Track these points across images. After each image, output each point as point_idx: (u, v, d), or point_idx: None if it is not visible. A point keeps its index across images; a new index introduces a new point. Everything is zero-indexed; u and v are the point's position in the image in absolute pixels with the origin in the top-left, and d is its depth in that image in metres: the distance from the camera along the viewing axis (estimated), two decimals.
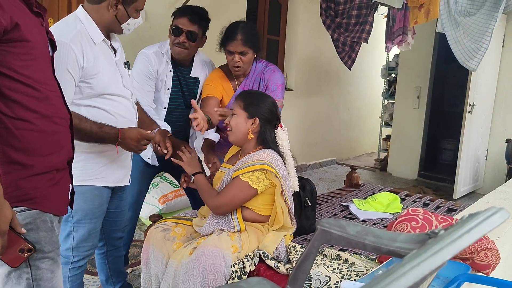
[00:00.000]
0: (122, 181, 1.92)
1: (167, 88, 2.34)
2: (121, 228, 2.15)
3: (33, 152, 1.21)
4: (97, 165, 1.79)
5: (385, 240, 0.74)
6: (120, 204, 2.06)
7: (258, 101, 1.92)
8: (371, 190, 3.15)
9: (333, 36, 3.99)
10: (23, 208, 1.20)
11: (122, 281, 2.27)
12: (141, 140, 1.76)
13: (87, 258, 1.91)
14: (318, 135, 6.00)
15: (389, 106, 6.28)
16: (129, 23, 1.76)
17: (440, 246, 0.41)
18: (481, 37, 3.02)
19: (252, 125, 1.90)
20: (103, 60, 1.71)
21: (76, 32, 1.62)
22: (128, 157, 1.94)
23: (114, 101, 1.76)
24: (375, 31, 3.94)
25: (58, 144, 1.29)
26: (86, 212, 1.79)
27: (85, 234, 1.83)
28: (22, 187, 1.19)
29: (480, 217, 0.46)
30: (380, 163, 6.24)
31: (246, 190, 1.82)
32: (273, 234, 1.87)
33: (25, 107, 1.17)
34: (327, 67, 5.80)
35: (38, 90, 1.20)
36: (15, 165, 1.17)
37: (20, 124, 1.17)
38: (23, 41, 1.15)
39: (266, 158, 1.82)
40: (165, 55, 2.31)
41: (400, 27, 4.00)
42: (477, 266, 1.32)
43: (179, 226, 1.98)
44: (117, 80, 1.77)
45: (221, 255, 1.67)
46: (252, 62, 2.38)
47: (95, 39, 1.68)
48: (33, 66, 1.19)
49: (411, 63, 5.60)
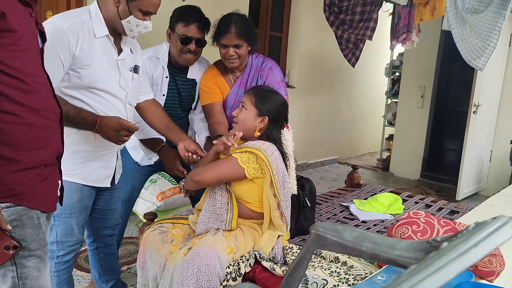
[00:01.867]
0: (103, 182, 1.86)
1: (162, 94, 2.27)
2: (111, 226, 2.11)
3: (20, 146, 1.16)
4: (76, 161, 1.75)
5: (383, 247, 0.68)
6: (109, 202, 2.02)
7: (270, 100, 1.89)
8: (372, 190, 3.10)
9: (337, 33, 3.93)
10: (9, 204, 1.16)
11: (115, 279, 2.23)
12: (121, 130, 1.66)
13: (73, 253, 1.87)
14: (320, 133, 5.94)
15: (392, 105, 6.21)
16: (130, 22, 1.69)
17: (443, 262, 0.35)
18: (488, 35, 2.95)
19: (261, 123, 1.87)
20: (100, 55, 1.68)
21: (78, 21, 1.62)
22: (112, 159, 1.88)
23: (102, 97, 1.71)
24: (380, 28, 3.88)
25: (46, 138, 1.25)
26: (65, 206, 1.73)
27: (68, 228, 1.80)
28: (7, 183, 1.15)
29: (489, 227, 0.40)
30: (382, 162, 6.18)
31: (233, 166, 1.78)
32: (268, 234, 1.82)
33: (12, 100, 1.13)
34: (330, 65, 5.74)
35: (26, 82, 1.16)
36: (0, 160, 1.13)
37: (6, 117, 1.13)
38: (9, 31, 1.11)
39: (261, 146, 1.79)
40: (161, 60, 2.24)
41: (405, 25, 3.93)
42: (481, 272, 1.26)
43: (176, 227, 1.93)
44: (112, 77, 1.73)
45: (216, 255, 1.62)
46: (248, 56, 2.32)
47: (97, 32, 1.67)
48: (21, 57, 1.15)
49: (416, 62, 5.53)
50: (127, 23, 1.70)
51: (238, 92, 2.32)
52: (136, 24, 1.71)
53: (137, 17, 1.70)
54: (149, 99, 2.02)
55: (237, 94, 2.32)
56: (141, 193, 3.27)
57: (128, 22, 1.70)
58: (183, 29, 2.15)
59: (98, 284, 2.22)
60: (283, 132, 1.93)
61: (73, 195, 1.77)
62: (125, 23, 1.70)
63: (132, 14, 1.69)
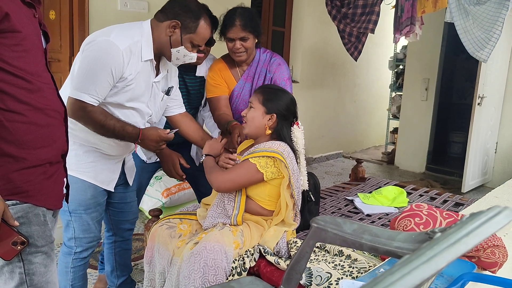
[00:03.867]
0: (108, 185, 1.90)
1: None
2: (130, 220, 2.15)
3: (25, 144, 1.18)
4: (87, 159, 1.80)
5: (383, 239, 0.69)
6: (124, 196, 2.06)
7: (277, 97, 1.90)
8: (377, 183, 3.10)
9: (339, 27, 3.92)
10: (15, 202, 1.19)
11: (126, 275, 2.26)
12: (160, 142, 1.80)
13: (90, 250, 1.91)
14: (324, 128, 5.93)
15: (396, 98, 6.19)
16: (179, 51, 1.76)
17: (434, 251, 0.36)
18: (491, 27, 2.93)
19: (269, 120, 1.88)
20: (142, 77, 1.74)
21: (132, 43, 1.67)
22: (118, 164, 1.93)
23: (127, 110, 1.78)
24: (383, 22, 3.86)
25: (51, 137, 1.26)
26: (79, 203, 1.80)
27: (84, 224, 1.84)
28: (13, 180, 1.17)
29: (482, 217, 0.41)
30: (387, 156, 6.17)
31: (253, 172, 1.79)
32: (274, 230, 1.84)
33: (17, 99, 1.15)
34: (334, 59, 5.72)
35: (30, 82, 1.18)
36: (6, 158, 1.15)
37: (11, 116, 1.15)
38: (14, 32, 1.13)
39: (278, 148, 1.81)
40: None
41: (408, 17, 3.90)
42: (483, 264, 1.27)
43: (184, 223, 1.96)
44: (143, 98, 1.80)
45: (222, 250, 1.64)
46: (255, 49, 2.34)
47: (144, 56, 1.72)
48: (25, 57, 1.17)
49: (419, 54, 5.50)
50: (176, 52, 1.76)
51: (244, 86, 2.34)
52: (184, 54, 1.77)
53: (186, 48, 1.76)
54: (182, 112, 2.10)
55: (243, 88, 2.34)
56: (147, 190, 3.30)
57: (178, 52, 1.76)
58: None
59: (110, 279, 2.24)
60: (293, 129, 1.94)
61: (86, 191, 1.81)
62: (174, 52, 1.76)
63: (183, 45, 1.75)
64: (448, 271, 1.14)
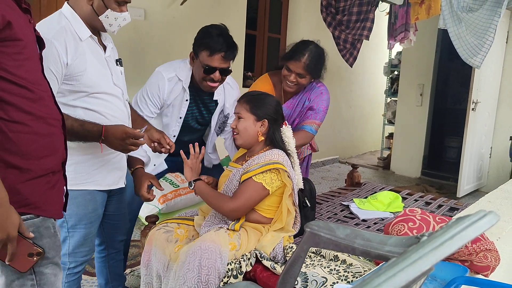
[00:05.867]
0: (117, 184, 1.86)
1: (179, 117, 2.22)
2: (123, 231, 2.10)
3: (30, 155, 1.18)
4: (90, 169, 1.72)
5: (374, 244, 0.71)
6: (119, 207, 2.00)
7: (264, 103, 1.90)
8: (372, 189, 3.12)
9: (334, 34, 3.95)
10: (28, 216, 1.19)
11: (121, 285, 2.23)
12: (127, 139, 1.62)
13: (84, 264, 1.86)
14: (320, 133, 5.90)
15: (392, 104, 6.23)
16: (108, 16, 1.62)
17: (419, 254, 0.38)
18: (484, 33, 2.97)
19: (261, 127, 1.89)
20: (90, 57, 1.63)
21: (59, 28, 1.55)
22: (123, 158, 1.87)
23: (105, 100, 1.68)
24: (377, 28, 3.90)
25: (53, 146, 1.26)
26: (80, 217, 1.73)
27: (81, 239, 1.78)
28: (21, 192, 1.16)
29: (466, 221, 0.43)
30: (383, 161, 6.20)
31: (260, 192, 1.80)
32: (272, 235, 1.84)
33: (20, 109, 1.14)
34: (329, 65, 5.68)
35: (32, 91, 1.17)
36: (12, 170, 1.14)
37: (15, 126, 1.14)
38: (15, 40, 1.11)
39: (278, 158, 1.81)
40: (184, 82, 2.16)
41: (402, 24, 3.95)
42: (476, 267, 1.29)
43: (181, 228, 1.96)
44: (106, 77, 1.69)
45: (217, 251, 1.65)
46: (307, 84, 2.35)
47: (81, 35, 1.60)
48: (25, 66, 1.16)
49: (414, 60, 5.55)
50: (105, 18, 1.63)
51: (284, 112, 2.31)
52: (114, 17, 1.64)
53: (114, 10, 1.62)
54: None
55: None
56: None
57: (106, 17, 1.62)
58: (208, 59, 2.05)
59: None
60: (283, 129, 1.95)
61: (88, 205, 1.74)
62: (104, 19, 1.63)
63: (109, 8, 1.61)
64: (441, 275, 1.16)
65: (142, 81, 2.28)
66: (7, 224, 1.08)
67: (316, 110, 2.38)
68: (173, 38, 3.85)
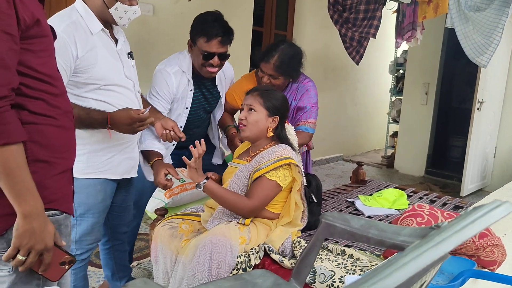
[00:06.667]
0: (129, 173, 1.89)
1: (185, 107, 2.26)
2: (126, 223, 2.14)
3: (57, 149, 1.18)
4: (102, 158, 1.76)
5: (388, 234, 0.73)
6: (125, 199, 2.04)
7: (276, 99, 1.92)
8: (377, 186, 3.14)
9: (341, 31, 3.96)
10: (53, 213, 1.18)
11: (127, 276, 2.27)
12: (133, 123, 1.67)
13: (90, 252, 1.89)
14: (325, 131, 5.97)
15: (396, 102, 6.24)
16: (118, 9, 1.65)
17: (442, 237, 0.40)
18: (491, 33, 2.98)
19: (272, 122, 1.90)
20: (102, 50, 1.66)
21: (69, 22, 1.58)
22: (135, 148, 1.90)
23: (117, 92, 1.72)
24: (384, 26, 3.91)
25: (73, 140, 1.27)
26: (89, 207, 1.77)
27: (88, 228, 1.81)
28: (48, 187, 1.16)
29: (484, 209, 0.45)
30: (387, 159, 6.21)
31: (275, 189, 1.82)
32: (281, 230, 1.86)
33: (48, 103, 1.15)
34: (335, 63, 5.77)
35: (56, 86, 1.18)
36: (41, 163, 1.14)
37: (45, 120, 1.15)
38: (42, 37, 1.13)
39: (288, 154, 1.83)
40: (187, 73, 2.21)
41: (410, 22, 3.95)
42: (483, 262, 1.31)
43: (186, 223, 1.98)
44: (118, 69, 1.73)
45: (228, 245, 1.67)
46: (286, 84, 2.35)
47: (93, 29, 1.64)
48: (49, 62, 1.17)
49: (420, 59, 5.55)
50: (115, 11, 1.66)
51: None
52: (124, 10, 1.67)
53: (123, 3, 1.66)
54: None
55: None
56: None
57: (116, 10, 1.65)
58: (205, 45, 2.09)
59: (112, 283, 2.24)
60: (287, 126, 1.97)
61: (98, 195, 1.78)
62: (114, 11, 1.65)
63: (119, 1, 1.65)
64: (449, 269, 1.18)
65: (150, 75, 2.30)
66: (45, 235, 1.09)
67: (306, 109, 2.36)
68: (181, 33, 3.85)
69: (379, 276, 0.36)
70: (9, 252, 1.09)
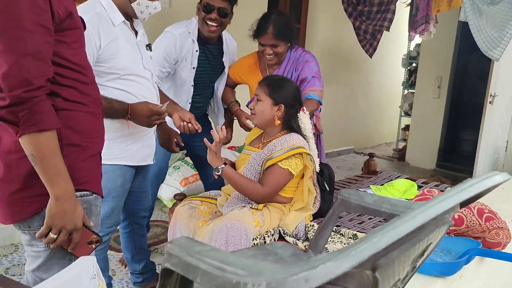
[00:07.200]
0: (146, 160, 1.98)
1: (192, 67, 2.36)
2: (145, 208, 2.22)
3: (88, 134, 1.26)
4: (121, 145, 1.85)
5: (400, 208, 0.81)
6: (143, 184, 2.12)
7: (283, 88, 1.97)
8: (389, 177, 3.19)
9: (355, 24, 4.01)
10: (84, 193, 1.26)
11: (146, 259, 2.36)
12: (151, 116, 1.78)
13: (110, 234, 1.99)
14: (336, 123, 6.02)
15: (409, 95, 6.25)
16: (140, 4, 1.73)
17: (444, 197, 0.47)
18: (504, 26, 3.01)
19: (278, 111, 1.96)
20: (123, 41, 1.74)
21: (94, 14, 1.66)
22: (152, 137, 1.98)
23: (136, 82, 1.80)
24: (397, 19, 3.94)
25: (101, 126, 1.36)
26: (109, 191, 1.84)
27: (108, 211, 1.90)
28: (81, 169, 1.24)
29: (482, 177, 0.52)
30: (398, 152, 6.24)
31: (287, 177, 1.90)
32: (294, 215, 1.94)
33: (80, 91, 1.23)
34: (348, 55, 5.80)
35: (86, 75, 1.26)
36: (74, 147, 1.22)
37: (78, 106, 1.23)
38: (74, 29, 1.20)
39: (300, 143, 1.90)
40: (192, 34, 2.32)
41: (423, 16, 3.97)
42: (488, 244, 1.37)
43: (204, 204, 2.07)
44: (137, 60, 1.80)
45: (242, 228, 1.75)
46: (286, 51, 2.42)
47: (115, 20, 1.72)
48: (81, 53, 1.25)
49: (433, 52, 5.55)
50: (137, 6, 1.73)
51: None
52: (146, 5, 1.75)
53: None
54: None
55: None
56: (166, 179, 3.44)
57: (138, 5, 1.73)
58: None
59: (131, 265, 2.34)
60: (300, 115, 2.02)
61: (117, 180, 1.88)
62: (135, 6, 1.73)
63: None
64: (455, 249, 1.25)
65: None
66: (75, 216, 1.18)
67: (308, 79, 2.42)
68: None
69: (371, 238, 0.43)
70: (42, 231, 1.18)
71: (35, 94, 1.07)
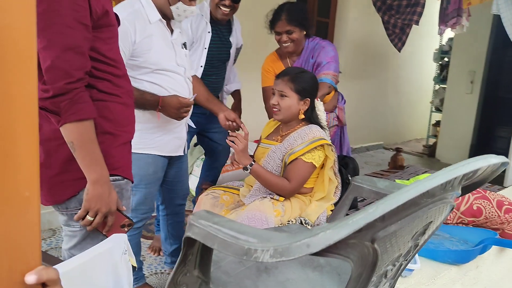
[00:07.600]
0: (177, 151, 2.05)
1: (204, 47, 2.42)
2: (181, 196, 2.30)
3: (120, 123, 1.36)
4: (153, 135, 1.93)
5: None
6: (177, 174, 2.19)
7: (306, 81, 1.98)
8: (415, 172, 3.18)
9: (384, 18, 3.98)
10: (116, 178, 1.35)
11: (178, 244, 2.44)
12: (181, 108, 1.86)
13: (144, 221, 2.07)
14: (366, 119, 5.98)
15: (440, 91, 6.13)
16: (178, 8, 1.81)
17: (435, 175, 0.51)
18: None
19: (304, 105, 1.99)
20: (157, 38, 1.82)
21: (132, 11, 1.75)
22: (183, 129, 2.06)
23: (168, 76, 1.88)
24: (428, 13, 3.89)
25: (133, 116, 1.45)
26: (141, 178, 1.93)
27: (142, 198, 1.99)
28: (113, 156, 1.33)
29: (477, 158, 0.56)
30: (428, 149, 6.14)
31: (311, 170, 1.93)
32: (316, 205, 1.97)
33: (113, 84, 1.32)
34: (377, 50, 5.74)
35: (119, 68, 1.35)
36: (107, 135, 1.31)
37: (112, 98, 1.32)
38: (109, 26, 1.29)
39: (320, 134, 1.93)
40: (204, 16, 2.39)
41: (455, 9, 3.90)
42: (507, 235, 1.37)
43: (227, 194, 2.13)
44: (170, 57, 1.88)
45: (263, 218, 1.80)
46: (304, 40, 2.47)
47: (151, 18, 1.80)
48: (115, 48, 1.34)
49: (466, 47, 5.42)
50: (175, 9, 1.82)
51: None
52: (183, 9, 1.83)
53: (184, 3, 1.82)
54: (192, 75, 2.16)
55: None
56: (194, 170, 3.54)
57: (177, 8, 1.82)
58: None
59: (164, 245, 2.46)
60: (316, 103, 2.05)
61: (149, 167, 1.96)
62: (174, 9, 1.82)
63: (180, 1, 1.80)
64: (472, 239, 1.27)
65: None
66: (110, 200, 1.26)
67: (323, 63, 2.45)
68: None
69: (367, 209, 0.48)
70: (80, 213, 1.27)
71: (76, 86, 1.17)
